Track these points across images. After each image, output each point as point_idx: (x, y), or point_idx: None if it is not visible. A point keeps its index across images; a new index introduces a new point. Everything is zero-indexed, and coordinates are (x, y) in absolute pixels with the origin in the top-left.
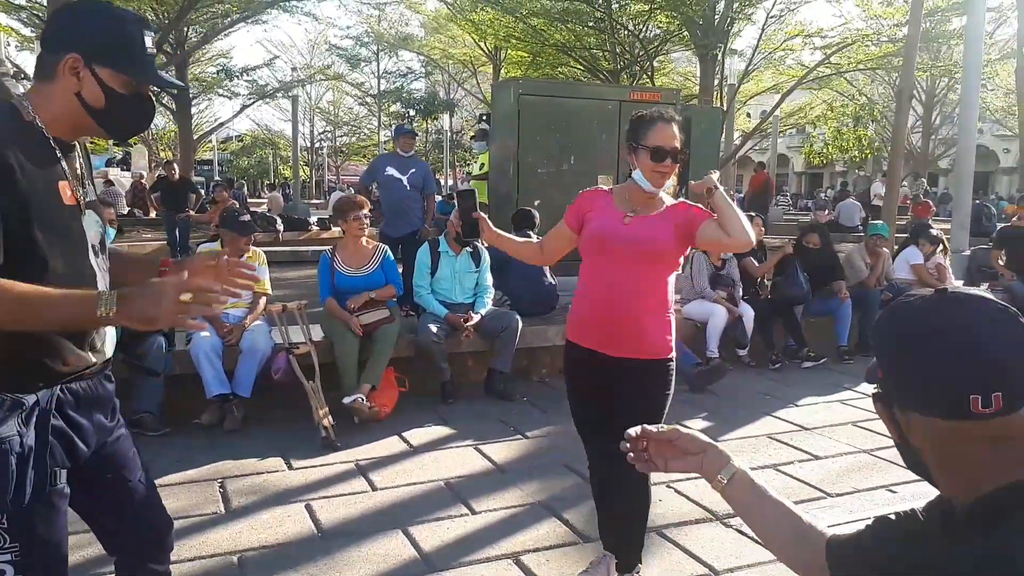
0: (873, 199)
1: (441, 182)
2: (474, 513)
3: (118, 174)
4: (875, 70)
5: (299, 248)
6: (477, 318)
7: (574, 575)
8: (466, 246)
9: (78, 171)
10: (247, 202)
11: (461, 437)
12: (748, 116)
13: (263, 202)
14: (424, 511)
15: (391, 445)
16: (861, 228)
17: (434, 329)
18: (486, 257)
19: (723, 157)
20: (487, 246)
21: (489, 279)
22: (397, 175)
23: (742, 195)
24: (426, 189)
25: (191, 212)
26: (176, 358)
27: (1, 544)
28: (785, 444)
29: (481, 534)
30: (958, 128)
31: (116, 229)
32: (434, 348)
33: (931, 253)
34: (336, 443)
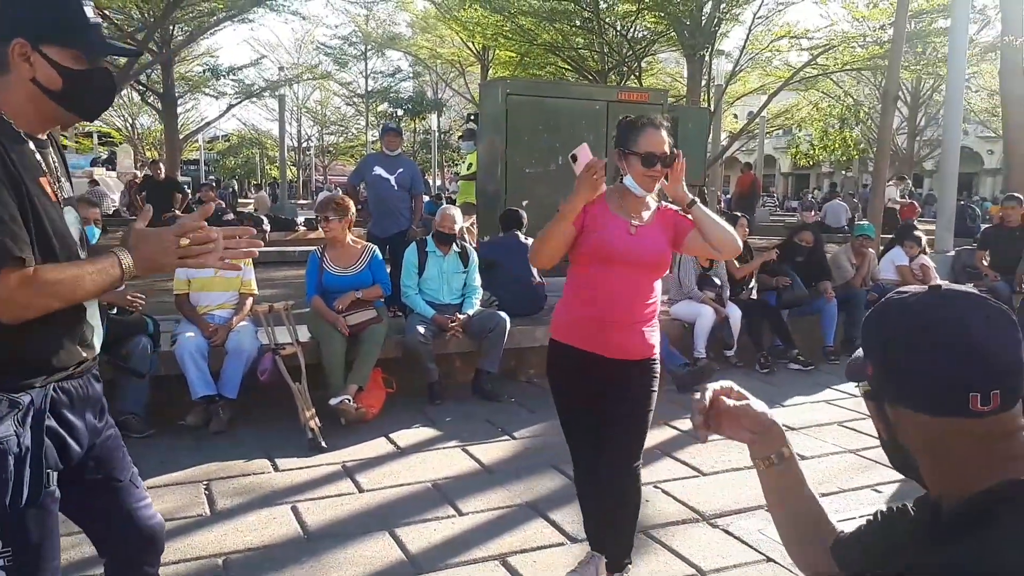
0: (888, 202)
1: (429, 182)
2: (461, 514)
3: (103, 174)
4: (861, 71)
5: (286, 248)
6: (463, 319)
7: None
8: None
9: (53, 167)
10: (238, 201)
11: (448, 438)
12: (735, 117)
13: (249, 202)
14: (411, 512)
15: (378, 446)
16: (847, 229)
17: (421, 330)
18: (474, 257)
19: (710, 158)
20: (475, 247)
21: (477, 279)
22: (385, 175)
23: (729, 196)
24: (414, 189)
25: (177, 212)
26: (161, 359)
27: None
28: None
29: (468, 535)
30: (942, 129)
31: (100, 229)
32: (421, 349)
33: (916, 254)
34: (322, 444)
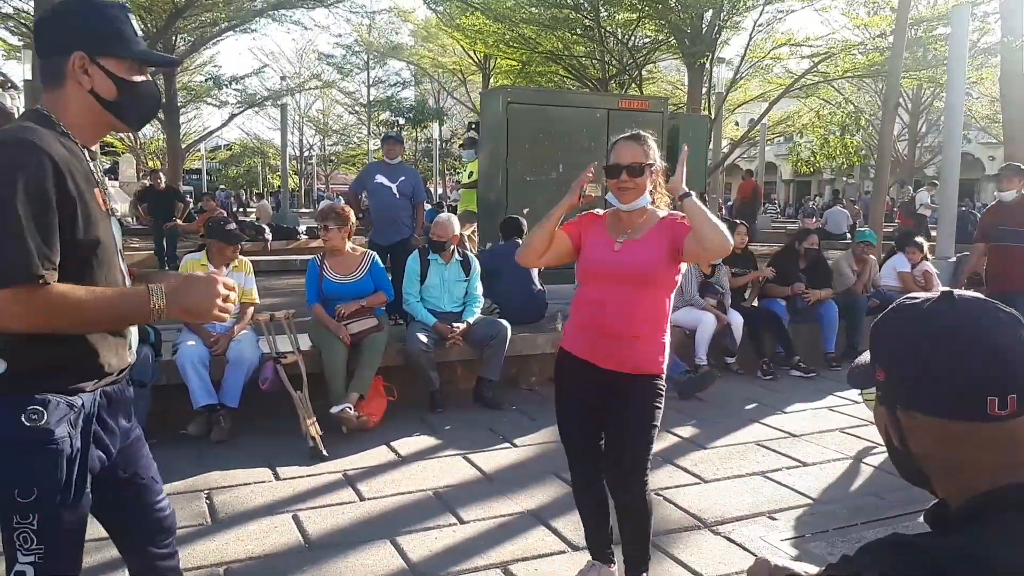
0: (919, 208)
1: (431, 190)
2: (462, 522)
3: (106, 183)
4: (862, 78)
5: (288, 257)
6: (463, 327)
7: None
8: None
9: (101, 178)
10: (238, 211)
11: (450, 446)
12: (736, 124)
13: (251, 211)
14: (412, 521)
15: (379, 455)
16: (849, 235)
17: (423, 338)
18: (476, 266)
19: (711, 165)
20: (475, 254)
21: (479, 288)
22: (386, 183)
23: (730, 203)
24: (415, 197)
25: (178, 221)
26: (162, 368)
27: (27, 545)
28: (773, 451)
29: (469, 543)
30: (943, 136)
31: None
32: (423, 357)
33: (919, 260)
34: (324, 453)
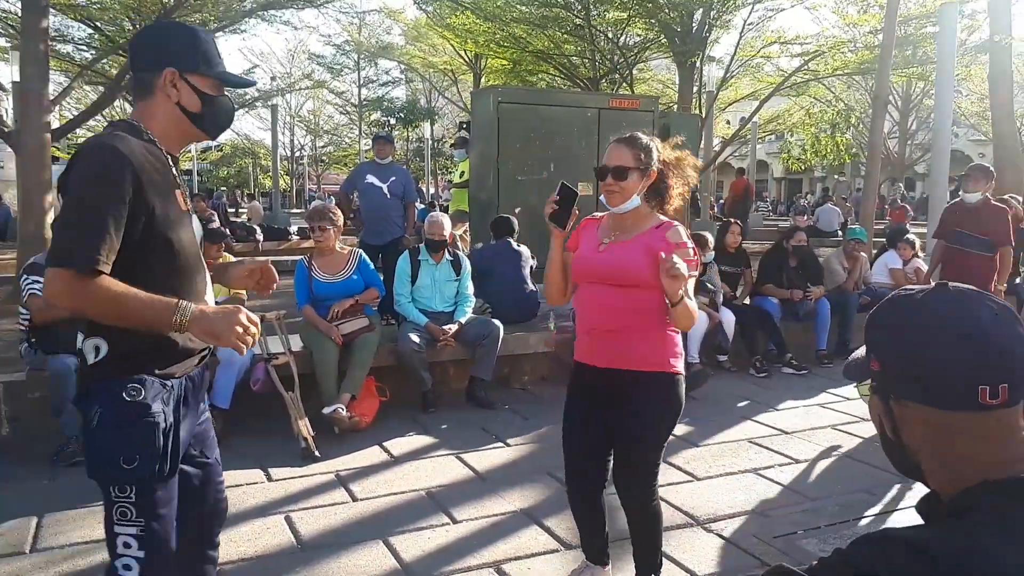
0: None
1: (423, 190)
2: (455, 522)
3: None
4: (852, 75)
5: (279, 257)
6: (455, 327)
7: None
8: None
9: (183, 180)
10: (227, 211)
11: (442, 446)
12: (727, 123)
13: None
14: (405, 521)
15: (371, 455)
16: (840, 233)
17: (414, 338)
18: (467, 265)
19: (702, 163)
20: (467, 254)
21: (470, 288)
22: (377, 183)
23: (722, 201)
24: (407, 197)
25: None
26: None
27: (129, 517)
28: (765, 448)
29: (463, 543)
30: (933, 133)
31: None
32: (414, 357)
33: (910, 257)
34: (316, 454)
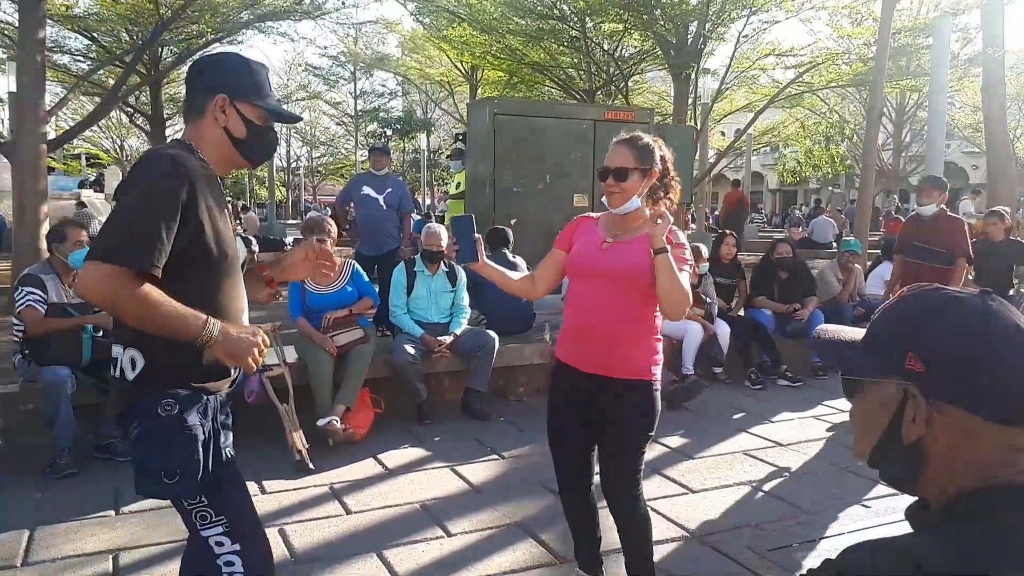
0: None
1: (419, 201)
2: (450, 535)
3: (91, 195)
4: (846, 87)
5: None
6: (451, 339)
7: None
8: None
9: (225, 201)
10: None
11: (437, 458)
12: (722, 134)
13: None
14: (399, 534)
15: (366, 467)
16: (835, 244)
17: (410, 350)
18: (462, 277)
19: (697, 175)
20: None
21: (465, 299)
22: (373, 194)
23: (717, 213)
24: (402, 208)
25: None
26: None
27: (210, 519)
28: (760, 460)
29: (457, 556)
30: (927, 145)
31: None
32: (410, 368)
33: None
34: (310, 466)
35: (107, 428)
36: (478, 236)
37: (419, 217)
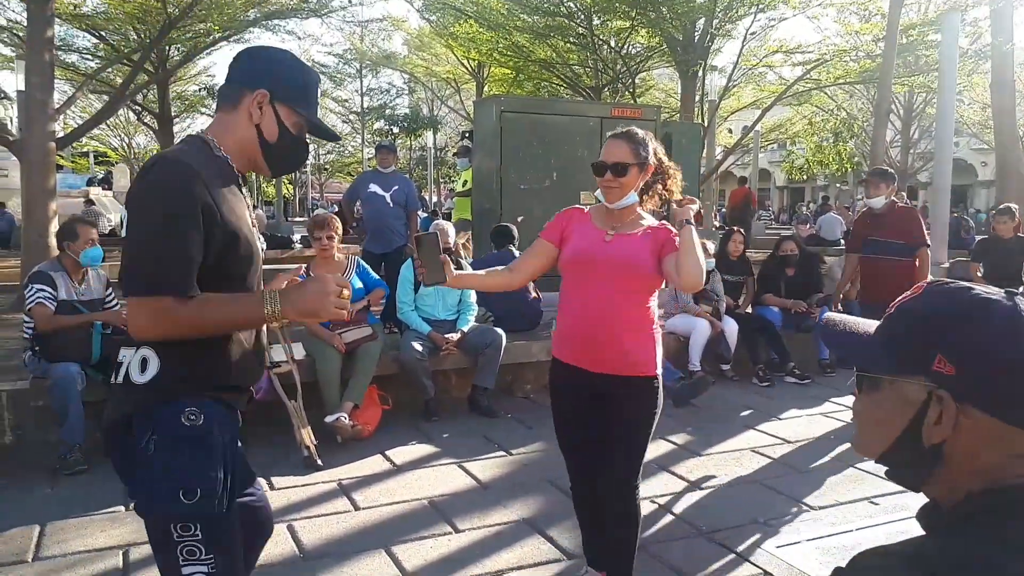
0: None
1: (426, 198)
2: (457, 531)
3: (99, 193)
4: (854, 84)
5: (283, 266)
6: (458, 336)
7: None
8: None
9: (248, 200)
10: None
11: (445, 455)
12: (730, 131)
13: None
14: (407, 530)
15: (374, 464)
16: (843, 241)
17: (417, 347)
18: None
19: (705, 172)
20: (470, 260)
21: (472, 296)
22: (380, 192)
23: (724, 210)
24: (409, 206)
25: None
26: None
27: (198, 556)
28: (768, 457)
29: (465, 552)
30: (935, 142)
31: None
32: (417, 366)
33: None
34: (318, 462)
35: None
36: (444, 257)
37: (425, 215)
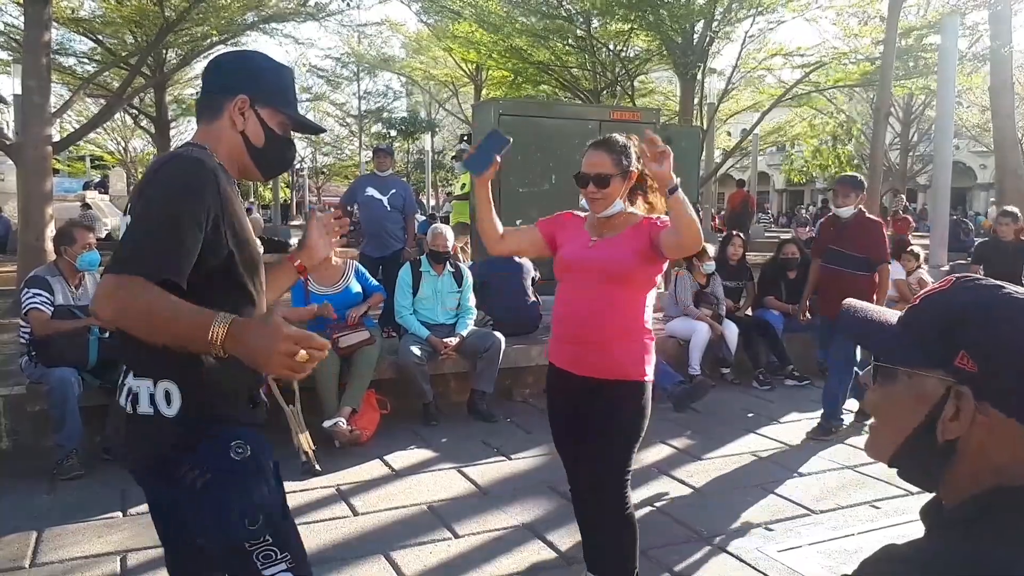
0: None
1: (424, 202)
2: (457, 537)
3: (96, 197)
4: (853, 87)
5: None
6: (457, 340)
7: None
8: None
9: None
10: None
11: (444, 460)
12: (729, 134)
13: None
14: (406, 536)
15: (373, 469)
16: None
17: (416, 351)
18: (468, 277)
19: (704, 176)
20: (468, 264)
21: (471, 300)
22: (377, 196)
23: (723, 213)
24: (407, 209)
25: None
26: None
27: (274, 557)
28: (769, 461)
29: (464, 558)
30: (934, 145)
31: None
32: (416, 370)
33: (914, 268)
34: (317, 468)
35: (115, 431)
36: (498, 159)
37: (423, 218)
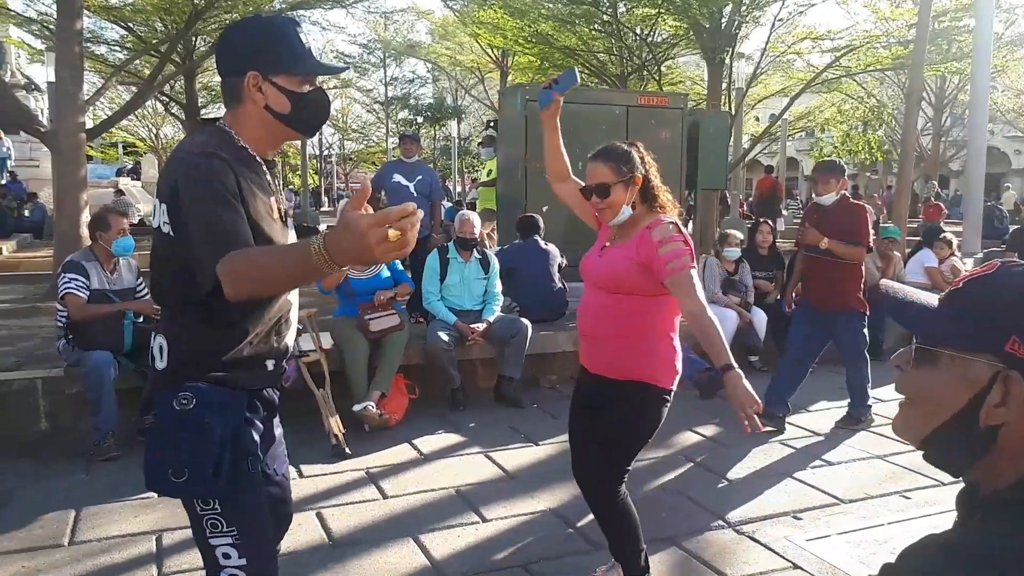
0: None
1: (450, 189)
2: (485, 521)
3: (128, 183)
4: (884, 71)
5: None
6: (484, 326)
7: None
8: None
9: (277, 186)
10: None
11: (471, 444)
12: (757, 120)
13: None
14: (435, 519)
15: (401, 453)
16: (873, 231)
17: (444, 336)
18: (495, 264)
19: (732, 161)
20: (495, 250)
21: (498, 286)
22: (404, 182)
23: (751, 200)
24: (433, 196)
25: None
26: None
27: (220, 528)
28: (797, 450)
29: (492, 542)
30: (968, 130)
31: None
32: (443, 355)
33: (947, 256)
34: (346, 451)
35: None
36: (560, 98)
37: (450, 205)
